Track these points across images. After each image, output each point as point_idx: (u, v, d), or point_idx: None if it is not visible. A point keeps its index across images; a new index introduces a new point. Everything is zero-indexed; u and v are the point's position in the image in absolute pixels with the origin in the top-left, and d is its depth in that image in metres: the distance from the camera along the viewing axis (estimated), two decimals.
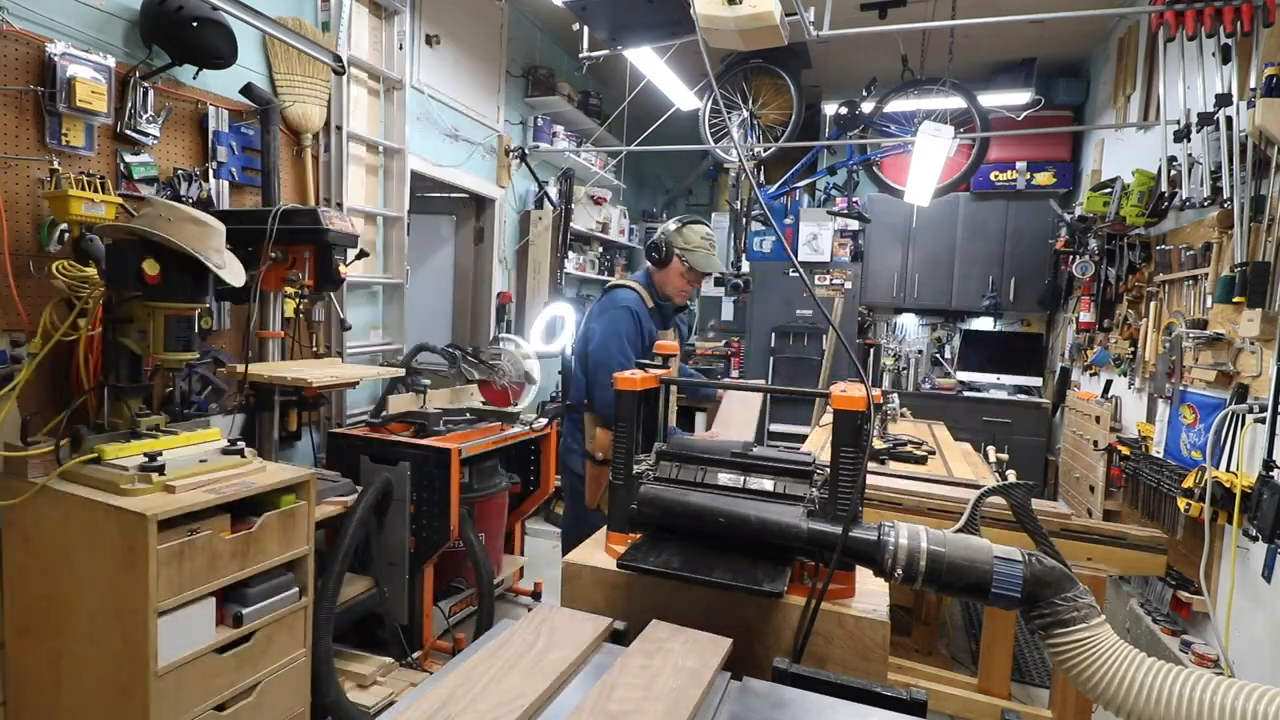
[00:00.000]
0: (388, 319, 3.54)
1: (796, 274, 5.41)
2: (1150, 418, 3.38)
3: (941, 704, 2.15)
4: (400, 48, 3.37)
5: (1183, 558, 2.77)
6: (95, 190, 1.91)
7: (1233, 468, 2.42)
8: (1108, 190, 3.59)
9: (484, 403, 3.33)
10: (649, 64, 3.60)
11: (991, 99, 4.32)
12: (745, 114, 4.38)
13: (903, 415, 3.95)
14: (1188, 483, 2.55)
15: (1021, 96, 4.47)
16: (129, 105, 2.15)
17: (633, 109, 4.89)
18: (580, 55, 3.36)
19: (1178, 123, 2.83)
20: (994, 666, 2.18)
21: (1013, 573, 0.89)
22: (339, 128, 2.99)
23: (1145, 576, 3.14)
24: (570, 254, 4.86)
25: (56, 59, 1.95)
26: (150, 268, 1.78)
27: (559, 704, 0.87)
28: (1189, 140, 2.75)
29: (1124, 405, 3.77)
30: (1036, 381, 5.35)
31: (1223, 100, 2.56)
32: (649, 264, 2.54)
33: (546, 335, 4.39)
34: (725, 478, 1.20)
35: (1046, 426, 5.03)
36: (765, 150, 4.31)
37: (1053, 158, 5.14)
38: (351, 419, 3.20)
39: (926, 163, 3.59)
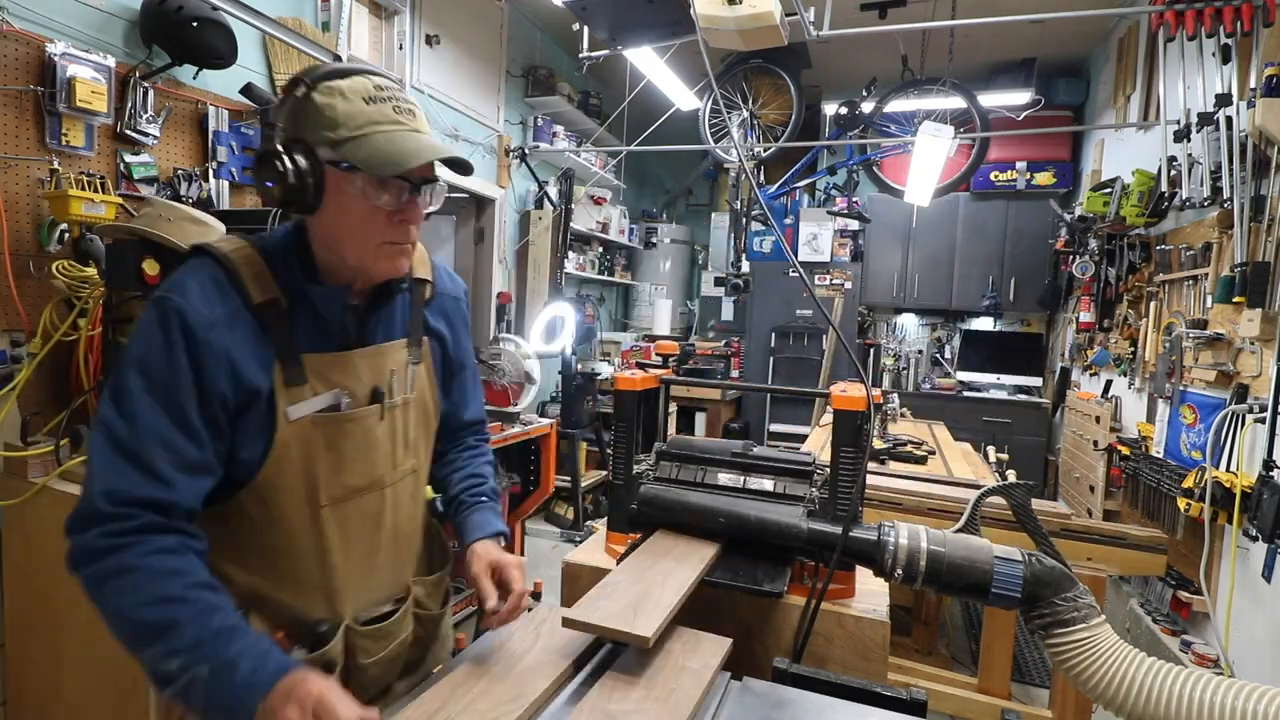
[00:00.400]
0: None
1: (796, 274, 5.40)
2: (1150, 418, 3.38)
3: (941, 704, 2.15)
4: (400, 48, 3.37)
5: (1183, 558, 2.77)
6: (95, 190, 1.92)
7: (1233, 468, 2.42)
8: (1108, 190, 3.59)
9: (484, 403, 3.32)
10: (649, 64, 3.60)
11: (991, 99, 4.32)
12: (745, 114, 4.38)
13: (903, 415, 3.95)
14: (1188, 483, 2.55)
15: (1021, 96, 4.47)
16: (129, 105, 2.15)
17: (633, 109, 4.89)
18: (580, 55, 3.36)
19: (1178, 123, 2.83)
20: (994, 666, 2.18)
21: (1013, 573, 0.89)
22: None
23: (1145, 576, 3.14)
24: (570, 254, 4.86)
25: (56, 59, 1.95)
26: (150, 268, 1.78)
27: (558, 704, 0.86)
28: (1189, 140, 2.75)
29: (1124, 405, 3.77)
30: (1036, 381, 5.35)
31: (1223, 100, 2.56)
32: (284, 209, 0.92)
33: (546, 335, 4.39)
34: (725, 478, 1.20)
35: (1046, 426, 5.02)
36: (765, 150, 4.31)
37: (1053, 158, 5.14)
38: None
39: (926, 163, 3.59)
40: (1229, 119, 2.52)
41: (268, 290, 0.88)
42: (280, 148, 0.83)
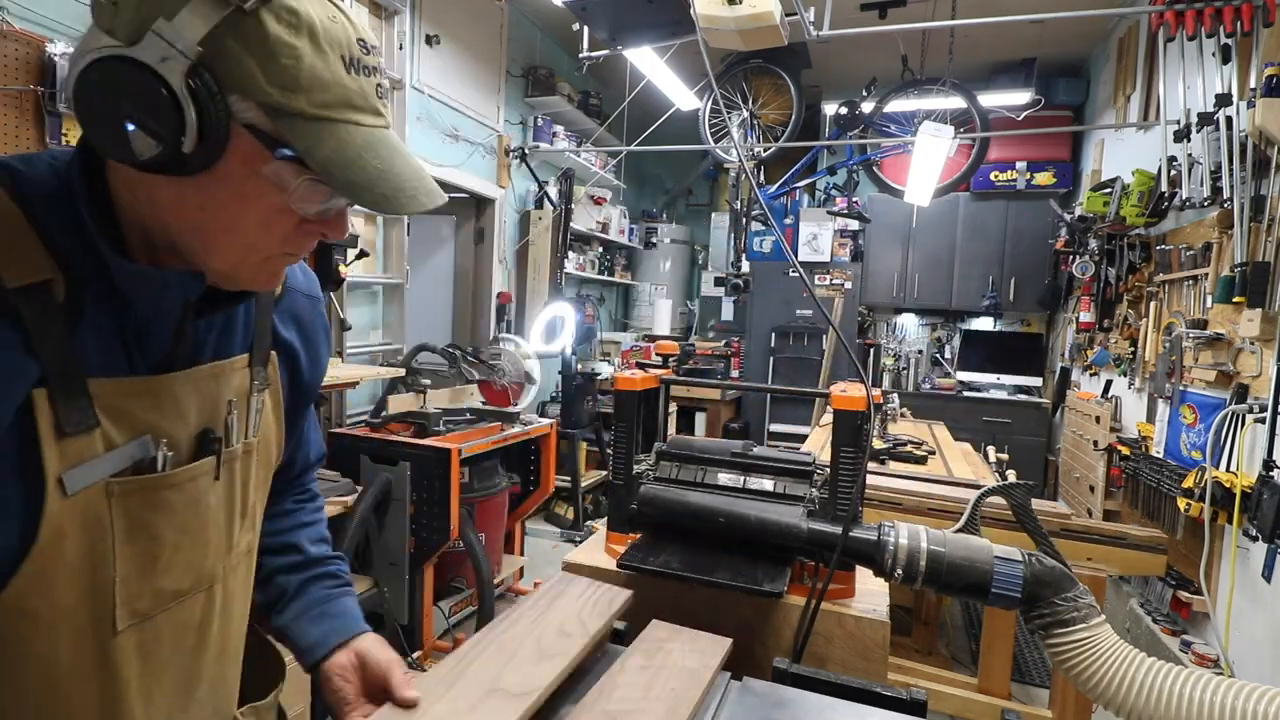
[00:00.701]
0: (388, 319, 3.54)
1: (796, 274, 5.41)
2: (1150, 418, 3.38)
3: (941, 704, 2.15)
4: (400, 48, 3.37)
5: (1183, 558, 2.77)
6: None
7: (1233, 468, 2.42)
8: (1108, 190, 3.59)
9: (484, 403, 3.33)
10: (649, 64, 3.60)
11: (991, 99, 4.32)
12: (745, 114, 4.38)
13: (903, 415, 3.95)
14: (1188, 483, 2.55)
15: (1021, 96, 4.47)
16: None
17: (633, 109, 4.89)
18: (580, 55, 3.36)
19: (1178, 123, 2.83)
20: (994, 666, 2.17)
21: (1013, 573, 0.89)
22: None
23: (1145, 576, 3.14)
24: (570, 254, 4.87)
25: (56, 59, 1.95)
26: None
27: (555, 703, 0.86)
28: (1189, 140, 2.75)
29: (1124, 405, 3.77)
30: (1036, 381, 5.35)
31: (1223, 100, 2.56)
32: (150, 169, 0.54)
33: (546, 335, 4.39)
34: (725, 478, 1.20)
35: (1046, 426, 5.03)
36: (765, 150, 4.31)
37: (1053, 158, 5.14)
38: (351, 419, 3.20)
39: (926, 163, 3.59)
40: (1229, 119, 2.52)
41: (32, 265, 0.53)
42: (187, 81, 0.48)
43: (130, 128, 0.49)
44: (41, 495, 0.53)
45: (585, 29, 3.23)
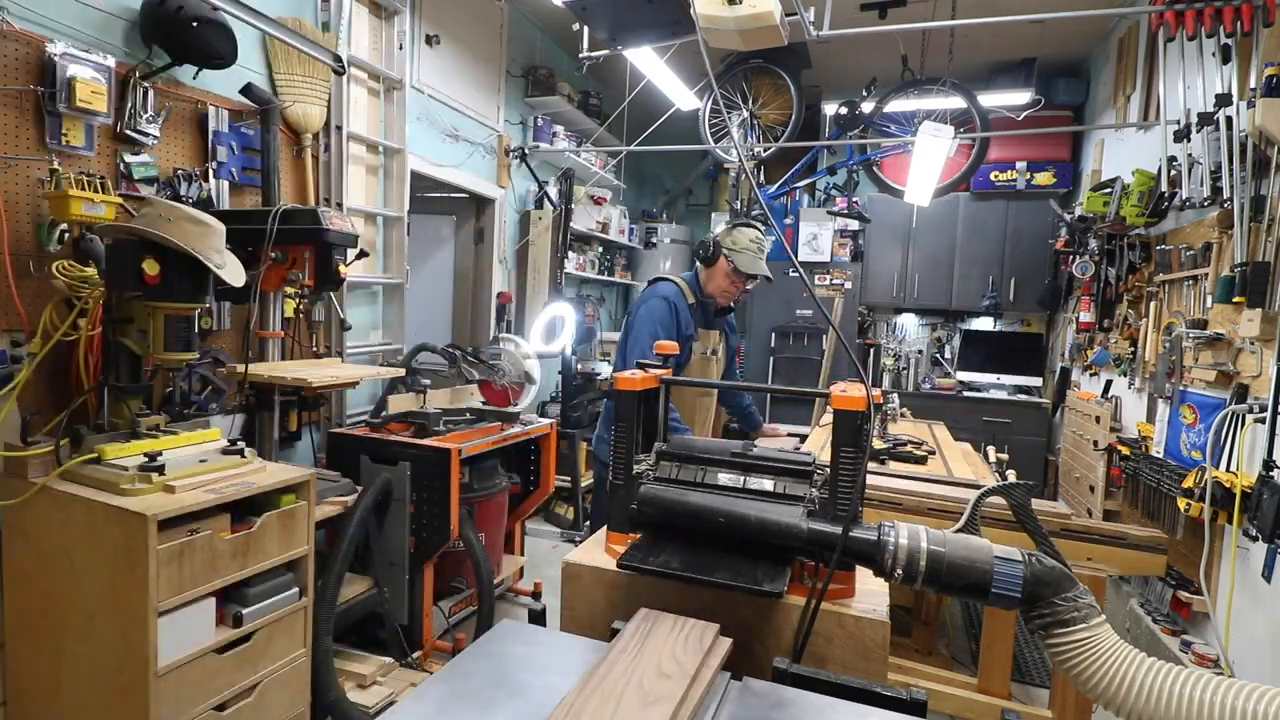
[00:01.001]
0: (388, 319, 3.54)
1: (796, 274, 5.41)
2: (1150, 418, 3.38)
3: (941, 704, 2.15)
4: (400, 48, 3.37)
5: (1183, 558, 2.77)
6: (95, 190, 1.91)
7: (1233, 468, 2.42)
8: (1108, 190, 3.59)
9: (484, 403, 3.33)
10: (649, 64, 3.60)
11: (991, 99, 4.32)
12: (745, 114, 4.38)
13: (903, 415, 3.95)
14: (1188, 483, 2.55)
15: (1021, 96, 4.47)
16: (129, 105, 2.15)
17: (633, 109, 4.89)
18: (580, 55, 3.36)
19: (1178, 123, 2.83)
20: (994, 666, 2.18)
21: (1013, 573, 0.89)
22: (339, 128, 2.99)
23: (1145, 576, 3.14)
24: (570, 254, 4.86)
25: (56, 59, 1.95)
26: (150, 268, 1.78)
27: (549, 701, 0.86)
28: (1189, 140, 2.75)
29: (1124, 405, 3.77)
30: (1036, 381, 5.35)
31: (1223, 100, 2.56)
32: (697, 262, 2.65)
33: (546, 335, 4.39)
34: (725, 478, 1.20)
35: (1046, 426, 5.03)
36: (765, 150, 4.31)
37: (1053, 158, 5.14)
38: (351, 419, 3.20)
39: (926, 163, 3.59)
40: (1229, 119, 2.52)
41: (688, 298, 2.55)
42: (715, 248, 2.54)
43: (703, 254, 2.64)
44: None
45: (585, 29, 3.23)
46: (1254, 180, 2.43)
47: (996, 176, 5.21)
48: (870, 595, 1.13)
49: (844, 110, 4.01)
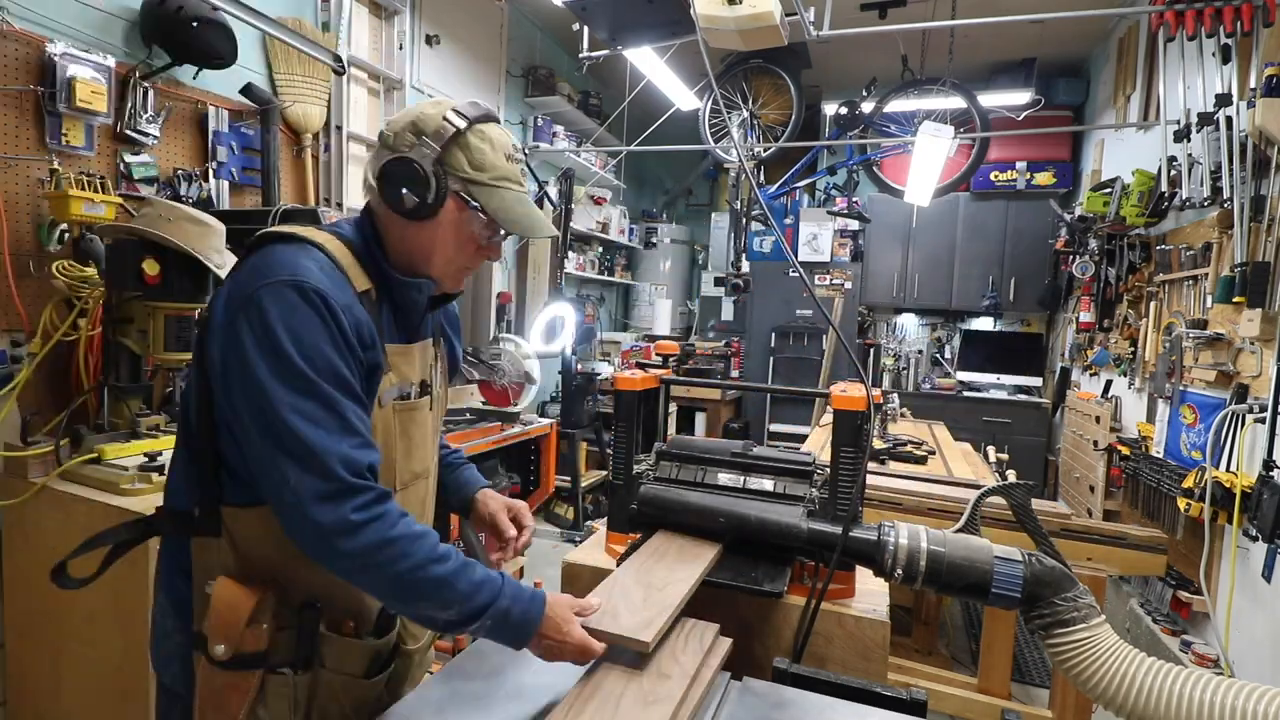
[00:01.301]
0: None
1: (796, 274, 5.41)
2: (1150, 418, 3.38)
3: (941, 704, 2.15)
4: (400, 48, 3.37)
5: (1183, 558, 2.77)
6: (95, 190, 1.91)
7: (1233, 468, 2.42)
8: (1108, 190, 3.59)
9: (484, 403, 3.33)
10: (649, 64, 3.60)
11: (991, 99, 4.32)
12: (745, 114, 4.38)
13: (903, 415, 3.95)
14: (1188, 483, 2.55)
15: (1021, 96, 4.47)
16: (129, 105, 2.15)
17: (633, 109, 4.89)
18: (580, 55, 3.36)
19: (1178, 123, 2.83)
20: (994, 666, 2.17)
21: (1013, 573, 0.89)
22: (339, 128, 2.99)
23: (1145, 576, 3.14)
24: (570, 254, 4.86)
25: (56, 59, 1.95)
26: (150, 268, 1.78)
27: (549, 701, 0.86)
28: (1189, 140, 2.75)
29: (1124, 405, 3.77)
30: (1036, 381, 5.35)
31: (1223, 100, 2.56)
32: (379, 208, 1.00)
33: (546, 335, 4.39)
34: (725, 478, 1.20)
35: (1046, 426, 5.02)
36: (765, 150, 4.31)
37: (1053, 158, 5.14)
38: None
39: (926, 163, 3.59)
40: (1229, 119, 2.52)
41: (364, 280, 0.94)
42: (433, 169, 0.93)
43: (404, 191, 0.92)
44: (370, 406, 0.92)
45: (585, 29, 3.23)
46: (1254, 180, 2.42)
47: (996, 176, 5.21)
48: (870, 595, 1.13)
49: (844, 110, 4.01)
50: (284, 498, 0.80)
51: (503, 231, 1.00)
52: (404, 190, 0.92)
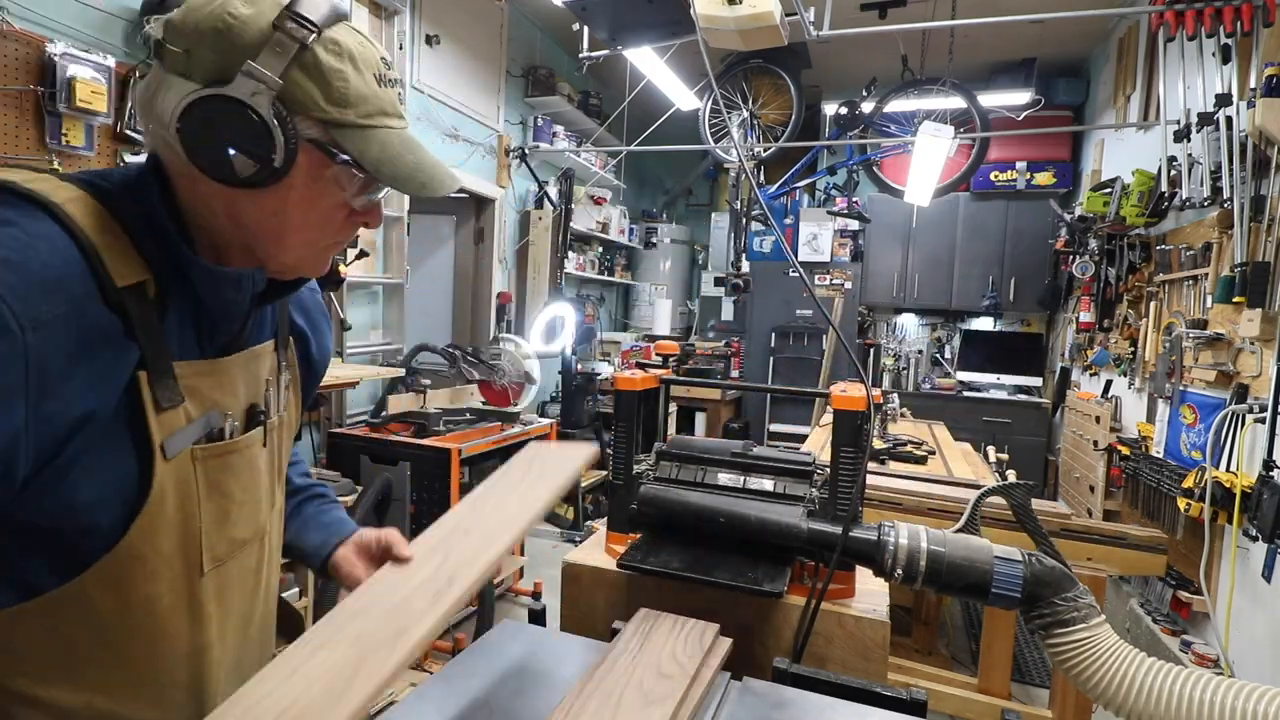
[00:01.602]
0: (388, 319, 3.54)
1: (796, 274, 5.41)
2: (1150, 418, 3.38)
3: (941, 704, 2.15)
4: (400, 48, 3.37)
5: (1183, 558, 2.77)
6: None
7: (1233, 468, 2.42)
8: (1108, 190, 3.59)
9: (484, 403, 3.33)
10: (649, 64, 3.60)
11: (991, 99, 4.32)
12: (745, 114, 4.38)
13: (903, 415, 3.95)
14: (1188, 483, 2.55)
15: (1021, 96, 4.47)
16: (129, 105, 2.15)
17: (633, 109, 4.89)
18: (580, 55, 3.36)
19: (1178, 123, 2.83)
20: (994, 666, 2.17)
21: (1013, 573, 0.89)
22: None
23: (1145, 576, 3.14)
24: (570, 254, 4.87)
25: (56, 59, 1.95)
26: None
27: (549, 701, 0.86)
28: (1189, 140, 2.75)
29: (1124, 405, 3.77)
30: (1036, 381, 5.35)
31: (1223, 100, 2.56)
32: (176, 158, 0.62)
33: (546, 335, 4.40)
34: (725, 478, 1.20)
35: (1046, 426, 5.02)
36: (765, 150, 4.31)
37: (1053, 158, 5.14)
38: (351, 419, 3.20)
39: (926, 163, 3.59)
40: (1229, 119, 2.52)
41: (133, 269, 0.60)
42: (274, 112, 0.58)
43: (232, 152, 0.58)
44: (150, 460, 0.62)
45: (585, 29, 3.23)
46: (1254, 180, 2.43)
47: (996, 176, 5.21)
48: (870, 595, 1.13)
49: (844, 110, 4.01)
50: None
51: (383, 187, 0.68)
52: (230, 150, 0.58)
